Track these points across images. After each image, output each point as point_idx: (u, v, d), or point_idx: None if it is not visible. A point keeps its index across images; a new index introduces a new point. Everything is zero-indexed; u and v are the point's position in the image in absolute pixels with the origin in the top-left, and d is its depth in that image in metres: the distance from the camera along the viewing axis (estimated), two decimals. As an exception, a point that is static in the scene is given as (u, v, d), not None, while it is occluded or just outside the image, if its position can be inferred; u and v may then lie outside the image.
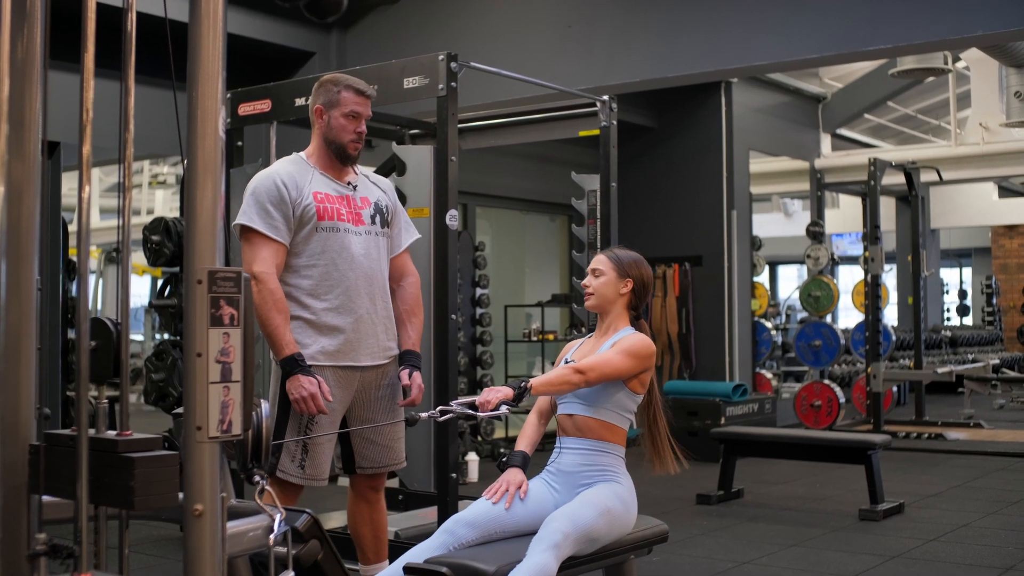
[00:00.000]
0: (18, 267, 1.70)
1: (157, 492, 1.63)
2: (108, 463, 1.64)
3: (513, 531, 3.05)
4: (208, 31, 1.71)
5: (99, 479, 1.64)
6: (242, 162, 5.03)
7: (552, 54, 6.83)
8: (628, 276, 3.27)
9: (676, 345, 9.52)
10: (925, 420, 9.84)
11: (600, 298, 3.26)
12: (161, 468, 1.64)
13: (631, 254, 3.33)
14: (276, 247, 3.30)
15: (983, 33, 5.71)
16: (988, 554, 4.82)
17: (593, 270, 3.29)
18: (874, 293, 9.18)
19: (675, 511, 5.90)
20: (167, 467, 1.65)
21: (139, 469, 1.61)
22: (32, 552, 1.66)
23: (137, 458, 1.62)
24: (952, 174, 11.55)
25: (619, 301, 3.27)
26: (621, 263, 3.28)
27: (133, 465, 1.61)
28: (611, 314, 3.27)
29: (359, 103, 3.42)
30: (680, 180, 9.67)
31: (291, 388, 3.22)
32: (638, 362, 3.14)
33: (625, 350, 3.13)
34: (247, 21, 6.90)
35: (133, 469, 1.61)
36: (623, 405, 3.17)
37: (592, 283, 3.28)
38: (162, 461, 1.64)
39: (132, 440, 1.66)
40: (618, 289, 3.26)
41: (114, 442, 1.65)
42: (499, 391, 2.99)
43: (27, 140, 1.72)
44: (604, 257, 3.31)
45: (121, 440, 1.65)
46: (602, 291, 3.26)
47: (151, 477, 1.62)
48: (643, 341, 3.18)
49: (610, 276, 3.26)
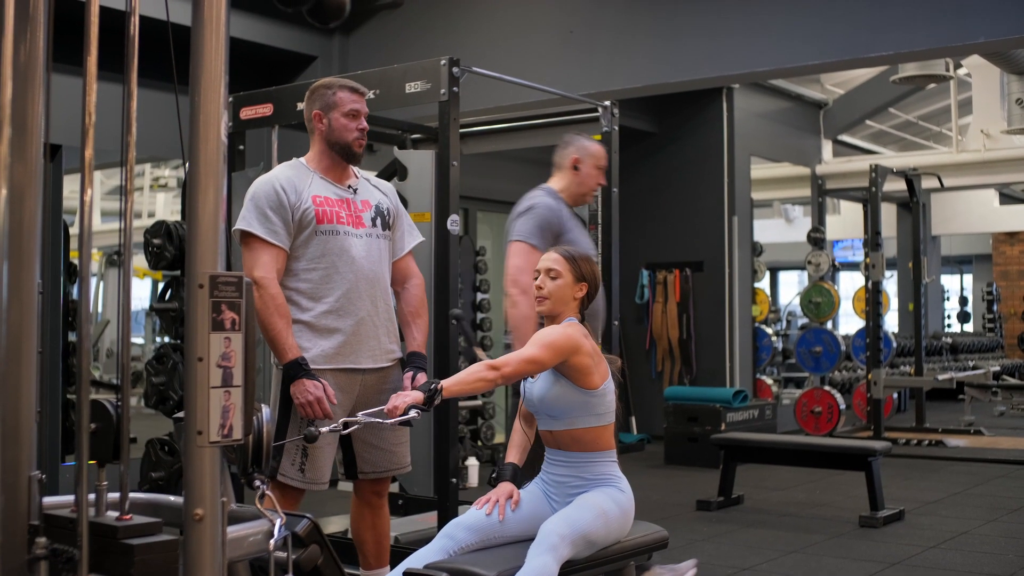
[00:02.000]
0: (20, 270, 1.70)
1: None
2: (108, 548, 1.65)
3: (513, 536, 3.04)
4: (211, 35, 1.71)
5: (100, 564, 1.65)
6: (243, 166, 5.03)
7: (554, 59, 6.84)
8: (583, 279, 3.13)
9: (677, 351, 9.52)
10: (925, 427, 9.83)
11: (555, 302, 3.09)
12: (160, 554, 1.65)
13: (583, 253, 3.21)
14: (276, 252, 3.30)
15: (985, 40, 5.70)
16: (988, 561, 4.82)
17: (548, 270, 3.11)
18: (875, 299, 9.17)
19: (675, 517, 5.89)
20: (166, 552, 1.65)
21: (139, 557, 1.62)
22: (32, 556, 1.66)
23: (137, 545, 1.63)
24: (953, 181, 11.54)
25: (572, 304, 3.12)
26: (577, 265, 3.12)
27: (133, 552, 1.62)
28: (561, 318, 3.12)
29: (356, 101, 3.44)
30: (681, 185, 9.67)
31: (295, 392, 3.22)
32: (554, 352, 2.96)
33: (536, 340, 2.99)
34: (249, 25, 6.90)
35: (133, 556, 1.62)
36: (591, 407, 3.07)
37: (547, 285, 3.09)
38: (162, 547, 1.65)
39: (132, 526, 1.66)
40: (573, 293, 3.12)
41: (114, 528, 1.65)
42: (407, 395, 2.84)
43: (29, 143, 1.72)
44: (559, 256, 3.13)
45: (121, 527, 1.65)
46: (558, 294, 3.09)
47: (151, 564, 1.63)
48: (556, 329, 3.02)
49: (567, 279, 3.10)
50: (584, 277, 3.13)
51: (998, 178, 12.14)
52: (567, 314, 3.12)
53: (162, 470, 5.51)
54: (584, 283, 3.13)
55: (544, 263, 3.14)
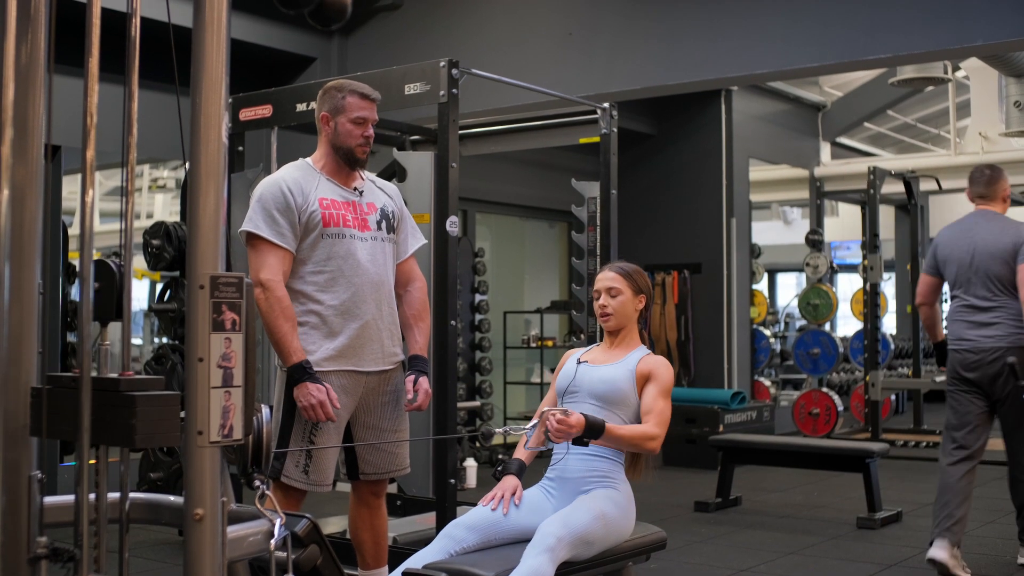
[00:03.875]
0: (20, 270, 1.70)
1: (158, 431, 1.65)
2: (110, 402, 1.65)
3: (513, 536, 3.06)
4: (212, 37, 1.71)
5: (101, 418, 1.66)
6: (243, 167, 5.04)
7: (553, 61, 6.85)
8: (642, 292, 3.30)
9: (675, 352, 9.53)
10: (923, 428, 9.84)
11: (621, 318, 3.27)
12: (162, 407, 1.65)
13: (635, 267, 3.35)
14: (282, 254, 3.30)
15: (983, 43, 5.72)
16: (985, 563, 4.82)
17: (609, 289, 3.28)
18: (873, 301, 9.19)
19: (673, 518, 5.90)
20: (168, 406, 1.66)
21: (140, 407, 1.63)
22: (33, 555, 1.66)
23: (139, 396, 1.63)
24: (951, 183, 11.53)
25: (633, 317, 3.30)
26: (634, 280, 3.30)
27: (134, 403, 1.63)
28: (625, 331, 3.30)
29: (365, 107, 3.41)
30: (680, 188, 9.69)
31: (299, 395, 3.22)
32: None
33: (668, 391, 3.22)
34: (248, 26, 6.91)
35: (135, 407, 1.62)
36: (631, 414, 3.20)
37: (610, 303, 3.27)
38: (163, 400, 1.66)
39: (134, 380, 1.67)
40: (635, 306, 3.29)
41: (116, 381, 1.66)
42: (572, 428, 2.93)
43: (30, 144, 1.72)
44: (616, 275, 3.29)
45: (123, 379, 1.66)
46: (622, 311, 3.27)
47: (152, 416, 1.64)
48: (672, 374, 3.25)
49: (627, 295, 3.27)
50: (642, 290, 3.31)
51: (996, 180, 12.13)
52: (631, 327, 3.31)
53: (161, 471, 5.51)
54: (643, 295, 3.31)
55: (603, 283, 3.31)
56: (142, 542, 5.12)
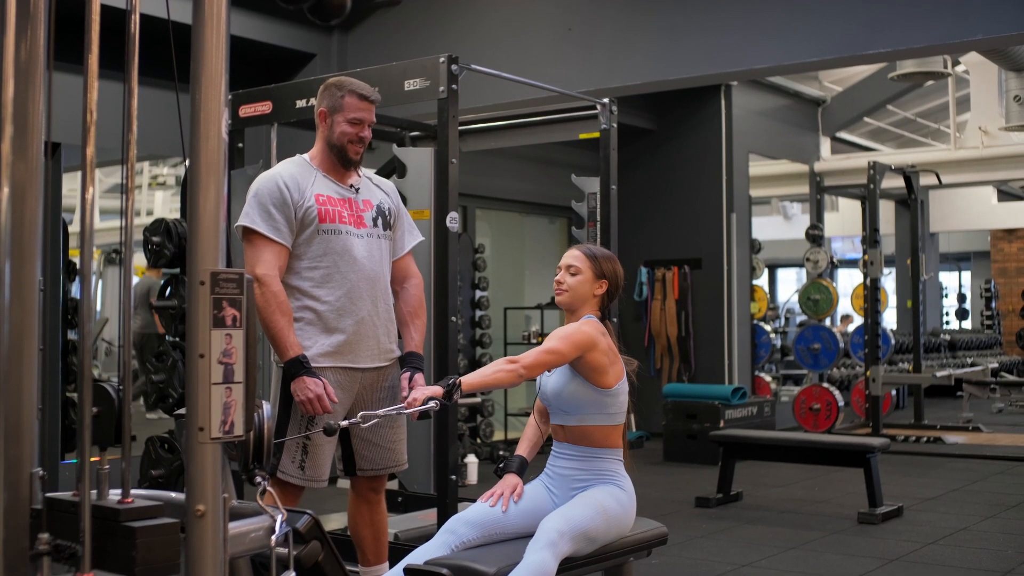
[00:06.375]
0: (21, 267, 1.70)
1: (159, 559, 1.64)
2: (110, 531, 1.65)
3: (514, 531, 3.06)
4: (211, 33, 1.71)
5: (102, 546, 1.65)
6: (243, 164, 5.03)
7: (552, 57, 6.84)
8: (604, 277, 3.22)
9: (675, 348, 9.53)
10: (924, 424, 9.85)
11: (573, 296, 3.20)
12: (163, 536, 1.65)
13: (606, 252, 3.29)
14: (278, 249, 3.30)
15: (983, 37, 5.71)
16: (987, 558, 4.83)
17: (568, 266, 3.22)
18: (873, 296, 9.18)
19: (674, 513, 5.90)
20: (168, 535, 1.66)
21: (141, 539, 1.62)
22: (35, 552, 1.67)
23: (139, 528, 1.63)
24: (951, 178, 11.56)
25: (591, 301, 3.22)
26: (598, 262, 3.22)
27: (135, 535, 1.62)
28: (580, 313, 3.22)
29: (362, 108, 3.40)
30: (680, 183, 9.68)
31: (297, 390, 3.22)
32: (571, 345, 3.05)
33: (555, 334, 3.09)
34: (248, 22, 6.90)
35: (135, 539, 1.62)
36: (603, 405, 3.13)
37: (566, 280, 3.21)
38: (164, 529, 1.65)
39: (134, 508, 1.66)
40: (592, 289, 3.21)
41: (116, 511, 1.65)
42: (428, 389, 2.97)
43: (30, 141, 1.72)
44: (580, 254, 3.24)
45: (123, 509, 1.65)
46: (577, 289, 3.20)
47: (153, 546, 1.63)
48: (573, 325, 3.13)
49: (586, 275, 3.20)
50: (604, 275, 3.22)
51: (996, 175, 12.15)
52: (586, 310, 3.21)
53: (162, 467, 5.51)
54: (604, 280, 3.22)
55: (565, 259, 3.25)
56: (143, 539, 5.12)
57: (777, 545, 5.10)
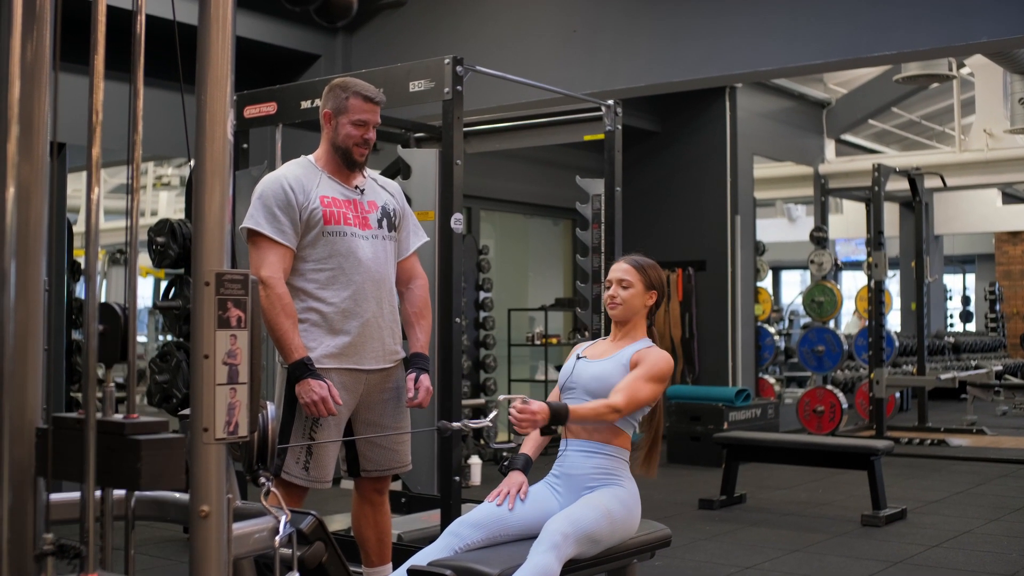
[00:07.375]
0: (26, 267, 1.71)
1: (163, 474, 1.65)
2: (115, 446, 1.65)
3: (518, 533, 3.06)
4: (217, 34, 1.71)
5: (106, 462, 1.66)
6: (247, 164, 5.04)
7: (557, 58, 6.84)
8: (653, 287, 3.30)
9: (679, 350, 9.52)
10: (928, 426, 9.84)
11: (627, 309, 3.26)
12: (167, 451, 1.65)
13: (651, 262, 3.35)
14: (283, 251, 3.30)
15: (988, 40, 5.71)
16: (991, 561, 4.82)
17: (620, 280, 3.28)
18: (877, 299, 9.17)
19: (678, 516, 5.90)
20: (173, 449, 1.66)
21: (145, 451, 1.62)
22: (39, 552, 1.67)
23: (144, 440, 1.63)
24: (956, 180, 11.54)
25: (642, 312, 3.30)
26: (647, 274, 3.30)
27: (139, 448, 1.62)
28: (632, 324, 3.29)
29: (367, 110, 3.39)
30: (684, 185, 9.68)
31: (301, 392, 3.22)
32: (664, 385, 3.18)
33: (654, 376, 3.14)
34: (253, 24, 6.91)
35: (140, 451, 1.62)
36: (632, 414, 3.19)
37: (620, 294, 3.27)
38: (168, 444, 1.66)
39: (139, 423, 1.67)
40: (644, 301, 3.29)
41: (121, 425, 1.66)
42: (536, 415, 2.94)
43: (36, 142, 1.73)
44: (630, 267, 3.30)
45: (128, 423, 1.66)
46: (630, 302, 3.26)
47: (157, 459, 1.63)
48: (667, 362, 3.19)
49: (638, 288, 3.27)
50: (654, 285, 3.30)
51: (1001, 177, 12.14)
52: (637, 321, 3.30)
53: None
54: (654, 291, 3.31)
55: (615, 273, 3.31)
56: (148, 539, 5.12)
57: (780, 547, 5.09)
